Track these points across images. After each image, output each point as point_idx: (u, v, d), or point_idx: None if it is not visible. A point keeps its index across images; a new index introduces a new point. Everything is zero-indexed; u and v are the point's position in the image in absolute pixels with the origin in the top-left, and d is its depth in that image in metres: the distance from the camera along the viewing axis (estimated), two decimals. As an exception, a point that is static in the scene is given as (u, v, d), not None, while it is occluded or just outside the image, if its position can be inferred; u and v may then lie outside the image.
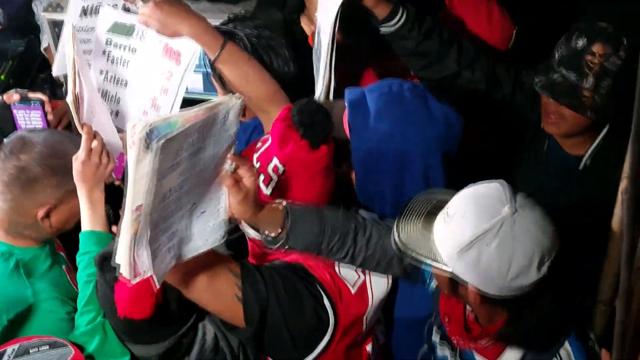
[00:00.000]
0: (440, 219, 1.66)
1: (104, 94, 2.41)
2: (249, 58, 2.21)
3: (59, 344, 1.88)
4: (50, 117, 2.37)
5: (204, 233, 1.72)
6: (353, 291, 1.92)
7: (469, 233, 1.58)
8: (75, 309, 2.16)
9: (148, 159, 1.42)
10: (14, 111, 2.34)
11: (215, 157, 1.63)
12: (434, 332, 1.99)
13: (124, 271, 1.55)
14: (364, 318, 1.94)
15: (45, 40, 3.11)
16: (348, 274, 1.94)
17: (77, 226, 2.16)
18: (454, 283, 1.68)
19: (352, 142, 1.95)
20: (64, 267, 2.29)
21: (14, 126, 2.35)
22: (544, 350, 1.73)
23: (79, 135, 2.13)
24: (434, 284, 1.94)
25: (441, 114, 1.95)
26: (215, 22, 2.29)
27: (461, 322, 1.83)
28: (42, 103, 2.35)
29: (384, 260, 1.88)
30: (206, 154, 1.59)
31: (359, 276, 1.95)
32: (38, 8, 3.18)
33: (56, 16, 2.62)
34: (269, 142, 1.92)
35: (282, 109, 1.91)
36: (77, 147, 2.12)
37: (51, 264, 2.24)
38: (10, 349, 1.85)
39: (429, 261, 1.65)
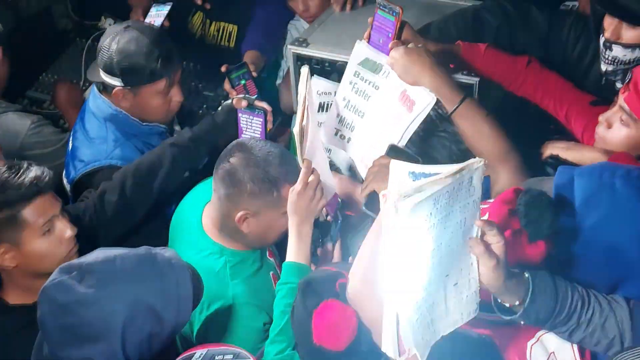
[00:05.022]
0: None
1: (341, 120, 2.54)
2: (486, 115, 2.26)
3: (243, 356, 1.90)
4: (269, 126, 2.52)
5: (460, 306, 1.68)
6: None
7: None
8: (272, 321, 2.22)
9: (401, 224, 1.45)
10: (240, 115, 2.52)
11: (462, 225, 1.61)
12: None
13: (389, 350, 1.54)
14: None
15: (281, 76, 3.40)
16: None
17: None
18: None
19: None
20: (271, 273, 2.39)
21: (236, 127, 2.54)
22: None
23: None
24: None
25: None
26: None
27: None
28: (265, 113, 2.50)
29: (604, 341, 1.78)
30: (454, 221, 1.58)
31: None
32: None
33: (301, 51, 2.77)
34: (486, 216, 1.84)
35: (508, 191, 1.86)
36: (287, 166, 2.22)
37: (258, 268, 2.34)
38: (199, 353, 1.90)
39: None
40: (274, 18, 3.43)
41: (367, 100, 2.46)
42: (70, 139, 2.76)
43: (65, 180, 2.73)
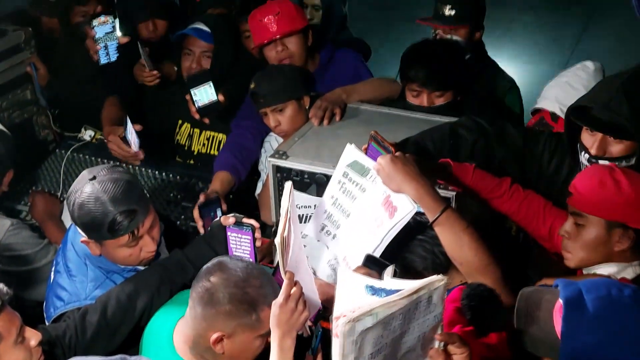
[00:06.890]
0: None
1: (329, 216, 2.59)
2: (467, 226, 2.28)
3: None
4: (258, 243, 2.51)
5: None
6: None
7: None
8: None
9: (349, 350, 1.43)
10: (228, 233, 2.52)
11: (421, 339, 1.60)
12: None
13: None
14: None
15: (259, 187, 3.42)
16: None
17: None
18: None
19: (563, 342, 1.83)
20: None
21: (225, 246, 2.53)
22: None
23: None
24: None
25: None
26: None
27: None
28: (253, 229, 2.49)
29: None
30: (411, 337, 1.56)
31: None
32: (262, 155, 3.45)
33: (281, 163, 2.83)
34: None
35: (455, 290, 1.89)
36: (267, 289, 2.19)
37: None
38: None
39: None
40: (248, 136, 3.47)
41: (354, 201, 2.52)
42: (53, 269, 2.69)
43: (45, 314, 2.66)
